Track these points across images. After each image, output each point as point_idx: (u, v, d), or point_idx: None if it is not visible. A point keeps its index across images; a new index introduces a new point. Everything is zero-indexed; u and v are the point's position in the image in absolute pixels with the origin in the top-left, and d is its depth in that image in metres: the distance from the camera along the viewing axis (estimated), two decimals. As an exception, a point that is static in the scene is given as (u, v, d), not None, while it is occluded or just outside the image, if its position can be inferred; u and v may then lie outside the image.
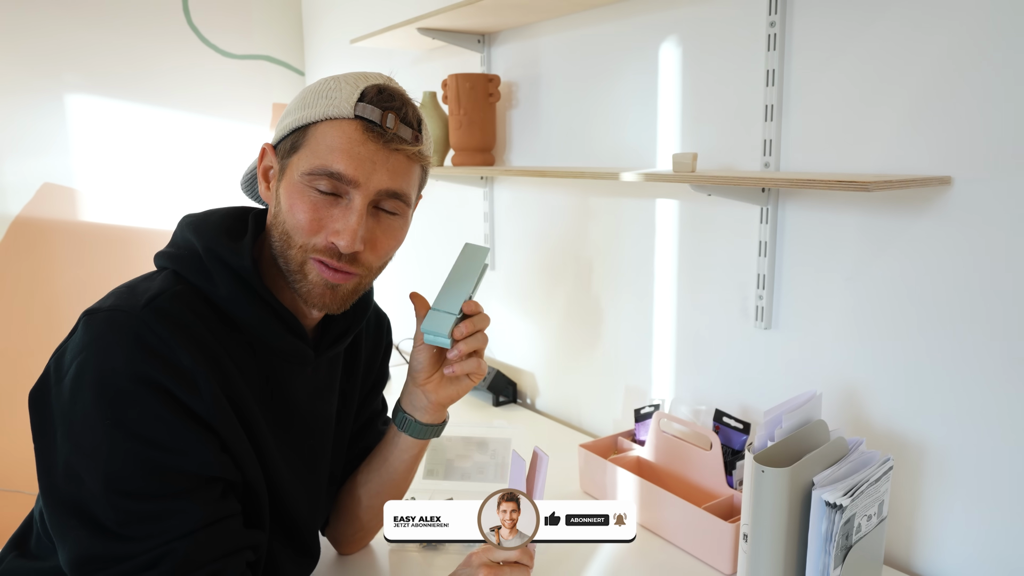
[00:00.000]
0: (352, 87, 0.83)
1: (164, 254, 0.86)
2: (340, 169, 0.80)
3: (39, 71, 2.29)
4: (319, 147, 0.81)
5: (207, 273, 0.82)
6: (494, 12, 1.56)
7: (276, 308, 0.85)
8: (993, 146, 0.96)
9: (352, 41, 2.01)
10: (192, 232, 0.85)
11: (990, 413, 1.00)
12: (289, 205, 0.83)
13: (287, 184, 0.84)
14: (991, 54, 0.95)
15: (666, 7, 1.38)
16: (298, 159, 0.83)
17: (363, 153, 0.81)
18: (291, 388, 0.91)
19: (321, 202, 0.82)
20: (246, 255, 0.83)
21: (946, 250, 1.02)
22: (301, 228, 0.82)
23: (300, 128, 0.83)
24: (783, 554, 0.87)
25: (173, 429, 0.74)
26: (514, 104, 1.80)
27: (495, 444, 1.29)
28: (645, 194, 1.48)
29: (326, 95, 0.83)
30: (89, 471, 0.72)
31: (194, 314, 0.79)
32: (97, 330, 0.75)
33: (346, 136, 0.81)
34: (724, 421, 1.24)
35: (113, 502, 0.72)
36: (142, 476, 0.73)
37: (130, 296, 0.78)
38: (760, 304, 1.26)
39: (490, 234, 1.92)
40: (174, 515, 0.73)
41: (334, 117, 0.81)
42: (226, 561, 0.76)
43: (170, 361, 0.74)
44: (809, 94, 1.16)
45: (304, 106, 0.84)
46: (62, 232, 2.38)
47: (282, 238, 0.84)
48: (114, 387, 0.72)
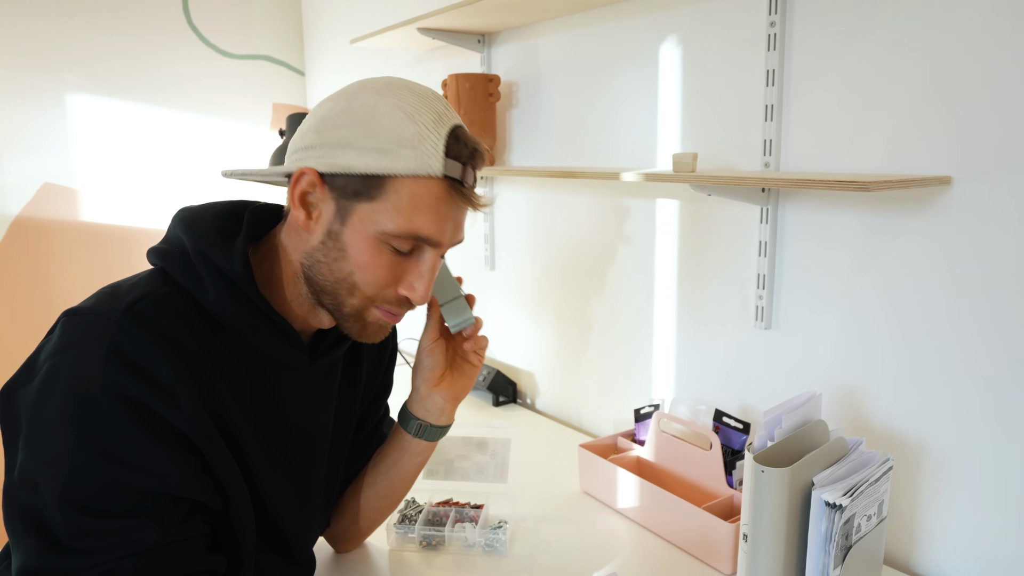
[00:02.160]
0: (435, 135, 0.77)
1: (156, 251, 0.82)
2: (429, 234, 0.78)
3: (39, 71, 2.29)
4: (403, 205, 0.76)
5: (196, 275, 0.78)
6: (494, 12, 1.56)
7: (269, 314, 0.81)
8: (993, 146, 0.96)
9: (352, 41, 2.01)
10: (183, 229, 0.81)
11: (990, 413, 1.00)
12: (363, 261, 0.79)
13: (358, 234, 0.78)
14: (991, 54, 0.95)
15: (666, 7, 1.38)
16: (375, 211, 0.77)
17: (447, 213, 0.79)
18: (283, 395, 0.87)
19: (397, 261, 0.80)
20: (238, 259, 0.79)
21: (946, 250, 1.02)
22: (376, 284, 0.80)
23: (376, 176, 0.76)
24: (783, 554, 0.87)
25: (142, 447, 0.70)
26: (514, 104, 1.80)
27: (495, 444, 1.29)
28: (645, 194, 1.48)
29: (411, 145, 0.76)
30: (46, 480, 0.69)
31: (178, 320, 0.76)
32: (75, 334, 0.72)
33: (435, 197, 0.77)
34: (724, 421, 1.24)
35: (68, 515, 0.68)
36: (101, 491, 0.69)
37: (112, 299, 0.75)
38: (760, 304, 1.26)
39: (490, 234, 1.92)
40: (128, 532, 0.70)
41: (422, 175, 0.76)
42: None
43: (148, 373, 0.71)
44: (809, 94, 1.16)
45: (379, 150, 0.76)
46: (62, 232, 2.38)
47: (342, 283, 0.81)
48: (85, 396, 0.69)
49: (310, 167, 0.78)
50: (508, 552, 1.13)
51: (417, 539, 1.14)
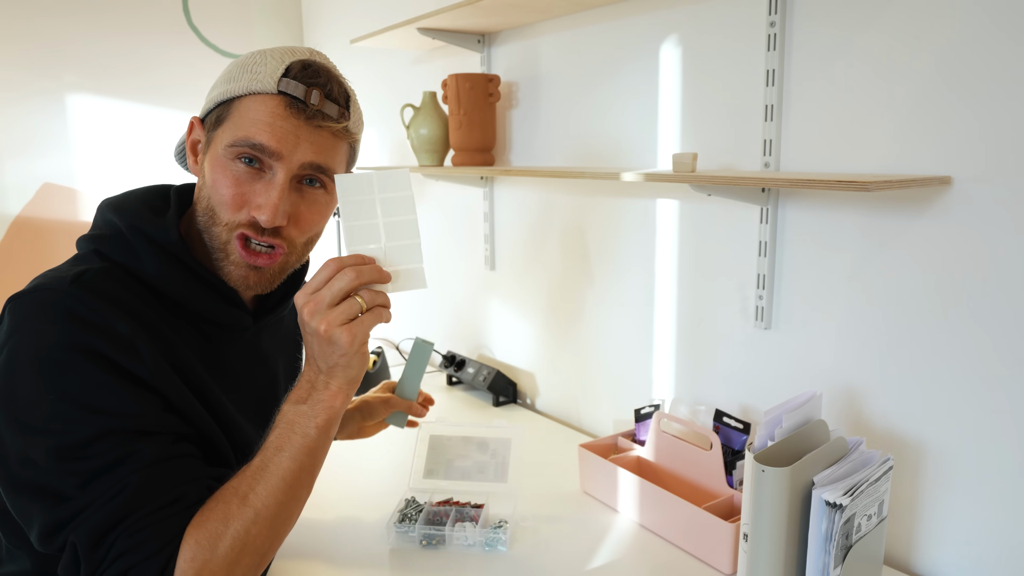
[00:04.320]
0: (277, 62, 0.83)
1: (86, 237, 0.86)
2: (262, 141, 0.81)
3: (40, 71, 2.29)
4: (242, 120, 0.82)
5: (132, 250, 0.82)
6: (494, 12, 1.56)
7: (208, 278, 0.86)
8: (993, 146, 0.96)
9: (352, 41, 2.01)
10: (113, 212, 0.85)
11: (990, 413, 1.00)
12: (213, 179, 0.84)
13: (211, 157, 0.84)
14: (991, 54, 0.95)
15: (666, 7, 1.38)
16: (222, 132, 0.84)
17: (286, 127, 0.82)
18: (232, 355, 0.92)
19: (244, 176, 0.83)
20: (172, 228, 0.83)
21: (946, 250, 1.02)
22: (225, 203, 0.83)
23: (225, 102, 0.84)
24: (783, 554, 0.87)
25: (116, 393, 0.74)
26: (514, 104, 1.80)
27: (495, 444, 1.29)
28: (645, 194, 1.48)
29: (251, 69, 0.83)
30: (40, 449, 0.72)
31: (124, 288, 0.80)
32: (27, 311, 0.75)
33: (268, 110, 0.82)
34: (724, 421, 1.24)
35: (69, 470, 0.72)
36: (93, 441, 0.73)
37: (54, 277, 0.78)
38: (760, 304, 1.26)
39: (490, 234, 1.92)
40: (128, 458, 0.73)
41: (257, 92, 0.82)
42: (186, 487, 0.76)
43: (106, 328, 0.75)
44: (809, 94, 1.16)
45: (229, 79, 0.84)
46: (62, 232, 2.38)
47: (207, 213, 0.85)
48: (51, 360, 0.72)
49: (195, 116, 0.89)
50: (508, 552, 1.13)
51: (417, 539, 1.14)
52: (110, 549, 0.71)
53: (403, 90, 2.21)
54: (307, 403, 0.79)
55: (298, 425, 0.78)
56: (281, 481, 0.77)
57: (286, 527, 0.79)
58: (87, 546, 0.71)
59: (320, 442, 0.79)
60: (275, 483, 0.76)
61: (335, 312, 0.77)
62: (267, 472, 0.77)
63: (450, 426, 1.32)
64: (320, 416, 0.79)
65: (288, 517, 0.79)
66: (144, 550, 0.71)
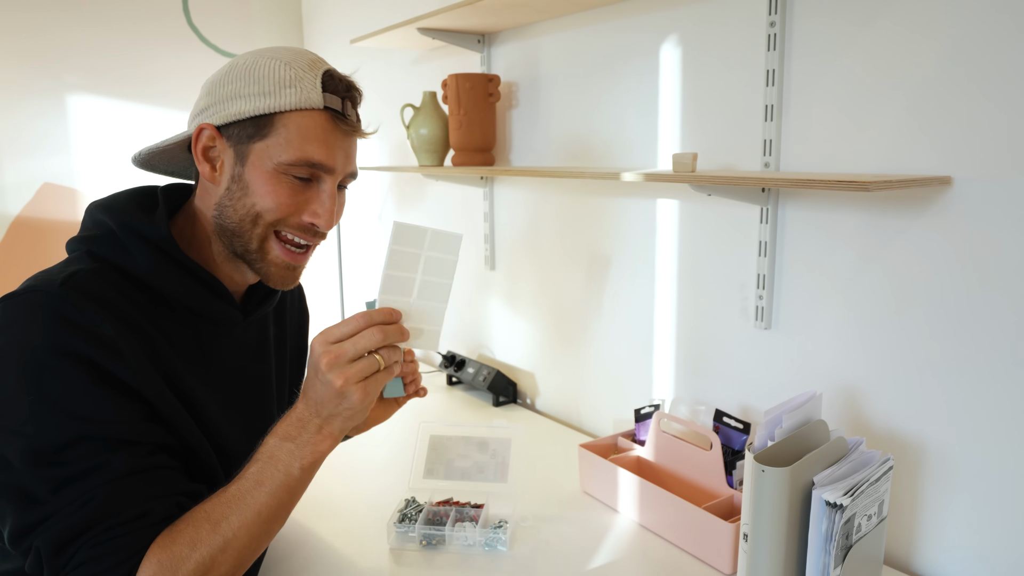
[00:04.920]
0: (311, 74, 0.86)
1: (76, 239, 0.87)
2: (321, 160, 0.86)
3: (40, 71, 2.29)
4: (295, 138, 0.85)
5: (123, 248, 0.84)
6: (494, 12, 1.56)
7: (198, 274, 0.88)
8: (993, 146, 0.96)
9: (352, 41, 2.01)
10: (103, 212, 0.87)
11: (990, 413, 1.00)
12: (264, 190, 0.85)
13: (257, 171, 0.85)
14: (991, 54, 0.95)
15: (666, 7, 1.38)
16: (268, 147, 0.85)
17: (334, 143, 0.87)
18: (221, 351, 0.93)
19: (299, 187, 0.87)
20: (162, 225, 0.85)
21: (946, 250, 1.02)
22: (278, 208, 0.86)
23: (264, 116, 0.85)
24: (783, 554, 0.87)
25: (97, 399, 0.74)
26: (514, 104, 1.80)
27: (495, 444, 1.29)
28: (645, 194, 1.48)
29: (291, 84, 0.85)
30: (15, 450, 0.72)
31: (114, 289, 0.80)
32: (14, 312, 0.76)
33: (319, 126, 0.86)
34: (724, 421, 1.24)
35: (43, 475, 0.72)
36: (67, 446, 0.73)
37: (45, 278, 0.79)
38: (760, 304, 1.26)
39: (490, 234, 1.92)
40: (99, 468, 0.74)
41: (305, 108, 0.85)
42: (153, 504, 0.76)
43: (91, 331, 0.75)
44: (809, 94, 1.16)
45: (263, 92, 0.85)
46: (62, 232, 2.38)
47: (246, 218, 0.87)
48: (34, 362, 0.73)
49: (207, 123, 0.87)
50: (508, 552, 1.13)
51: (417, 538, 1.14)
52: (71, 558, 0.72)
53: (403, 90, 2.21)
54: (294, 442, 0.79)
55: (281, 462, 0.79)
56: (256, 515, 0.77)
57: (253, 557, 0.80)
58: (49, 552, 0.72)
59: (301, 481, 0.80)
60: (250, 516, 0.77)
61: (354, 369, 0.77)
62: (243, 504, 0.77)
63: (450, 426, 1.32)
64: (306, 458, 0.80)
65: (258, 548, 0.79)
66: (104, 562, 0.71)
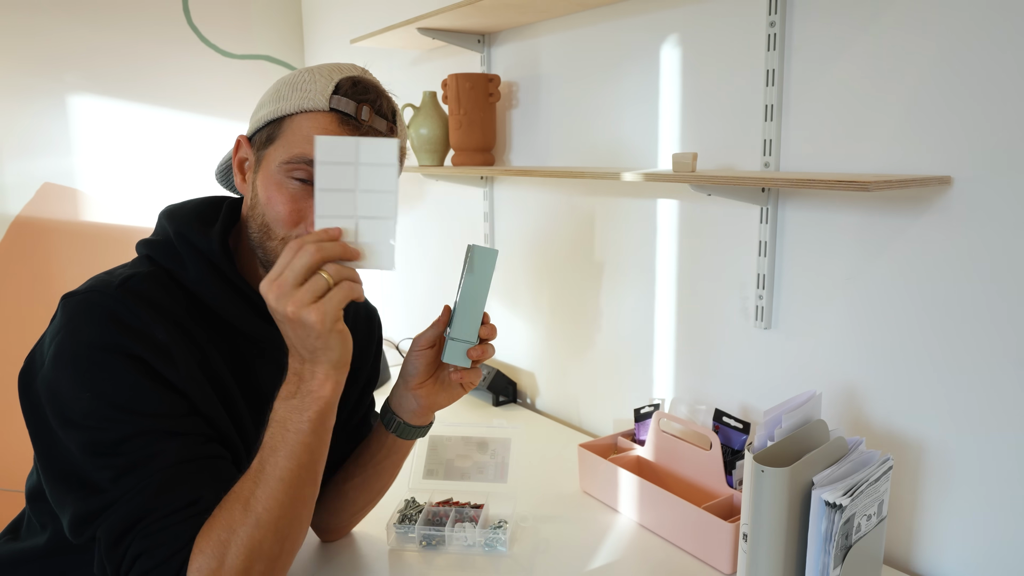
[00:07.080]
0: (327, 79, 0.85)
1: (142, 241, 0.90)
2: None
3: (40, 72, 2.29)
4: (295, 138, 0.84)
5: (178, 257, 0.86)
6: (494, 12, 1.56)
7: (245, 291, 0.88)
8: (993, 146, 0.96)
9: (352, 41, 2.01)
10: (167, 219, 0.90)
11: (990, 413, 1.00)
12: (267, 197, 0.85)
13: (264, 175, 0.86)
14: (991, 54, 0.95)
15: (666, 7, 1.38)
16: (274, 150, 0.85)
17: None
18: (260, 373, 0.92)
19: (299, 193, 0.84)
20: (215, 239, 0.86)
21: (946, 250, 1.02)
22: (281, 220, 0.84)
23: (274, 120, 0.86)
24: (783, 554, 0.87)
25: (148, 394, 0.77)
26: (514, 104, 1.80)
27: (495, 444, 1.29)
28: (645, 194, 1.48)
29: (301, 87, 0.85)
30: (77, 442, 0.76)
31: (167, 295, 0.83)
32: (73, 311, 0.79)
33: (321, 127, 0.83)
34: (724, 421, 1.24)
35: (104, 463, 0.75)
36: (125, 440, 0.76)
37: (105, 280, 0.83)
38: (760, 304, 1.26)
39: (490, 234, 1.92)
40: (155, 456, 0.76)
41: (309, 109, 0.84)
42: (205, 491, 0.76)
43: (144, 334, 0.78)
44: (809, 94, 1.16)
45: (279, 98, 0.86)
46: (62, 232, 2.38)
47: (262, 230, 0.86)
48: (88, 359, 0.76)
49: (242, 134, 0.91)
50: (508, 552, 1.13)
51: (417, 539, 1.14)
52: (127, 549, 0.74)
53: (403, 90, 2.21)
54: (297, 397, 0.77)
55: (290, 422, 0.77)
56: (280, 483, 0.75)
57: (294, 529, 0.78)
58: (108, 545, 0.74)
59: (316, 437, 0.78)
60: (274, 485, 0.75)
61: (300, 292, 0.73)
62: (264, 475, 0.76)
63: (450, 426, 1.31)
64: (311, 409, 0.77)
65: (294, 519, 0.78)
66: (157, 555, 0.73)
